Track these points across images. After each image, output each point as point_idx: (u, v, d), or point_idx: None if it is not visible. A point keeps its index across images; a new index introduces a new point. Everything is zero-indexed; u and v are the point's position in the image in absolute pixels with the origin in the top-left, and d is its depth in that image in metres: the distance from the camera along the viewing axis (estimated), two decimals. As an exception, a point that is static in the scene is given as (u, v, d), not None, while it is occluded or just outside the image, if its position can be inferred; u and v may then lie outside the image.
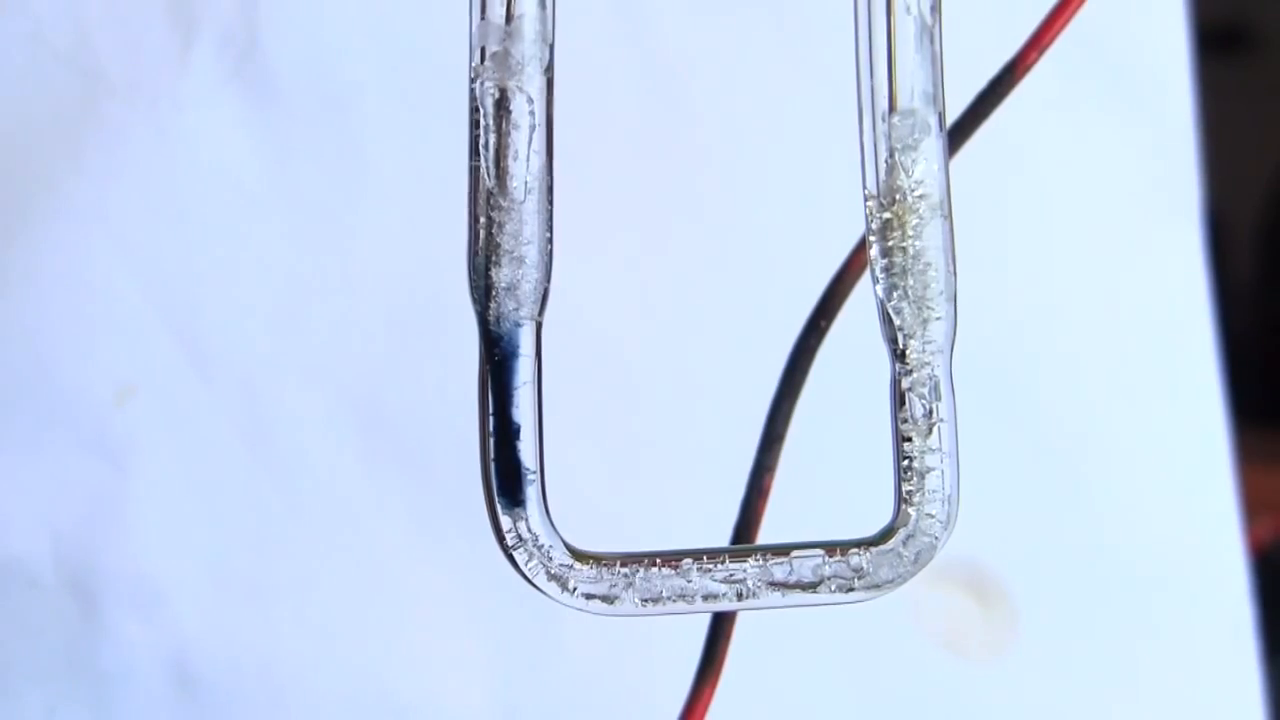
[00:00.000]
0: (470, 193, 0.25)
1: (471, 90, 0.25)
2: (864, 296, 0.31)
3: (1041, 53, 0.30)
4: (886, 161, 0.26)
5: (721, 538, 0.33)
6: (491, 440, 0.25)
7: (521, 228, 0.25)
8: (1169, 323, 0.57)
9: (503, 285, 0.25)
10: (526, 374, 0.25)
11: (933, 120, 0.26)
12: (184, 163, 0.51)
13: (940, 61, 0.26)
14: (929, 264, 0.26)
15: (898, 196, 0.26)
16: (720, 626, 0.32)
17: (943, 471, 0.27)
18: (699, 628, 0.33)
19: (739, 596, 0.26)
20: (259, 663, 0.51)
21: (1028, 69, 0.30)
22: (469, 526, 0.32)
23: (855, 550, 0.27)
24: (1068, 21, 0.30)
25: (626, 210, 0.53)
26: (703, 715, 0.32)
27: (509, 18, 0.25)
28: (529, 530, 0.25)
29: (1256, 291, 1.60)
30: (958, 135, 0.30)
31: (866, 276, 0.27)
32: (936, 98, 0.26)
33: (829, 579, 0.26)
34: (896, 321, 0.26)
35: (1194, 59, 0.57)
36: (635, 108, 0.53)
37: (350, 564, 0.52)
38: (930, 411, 0.27)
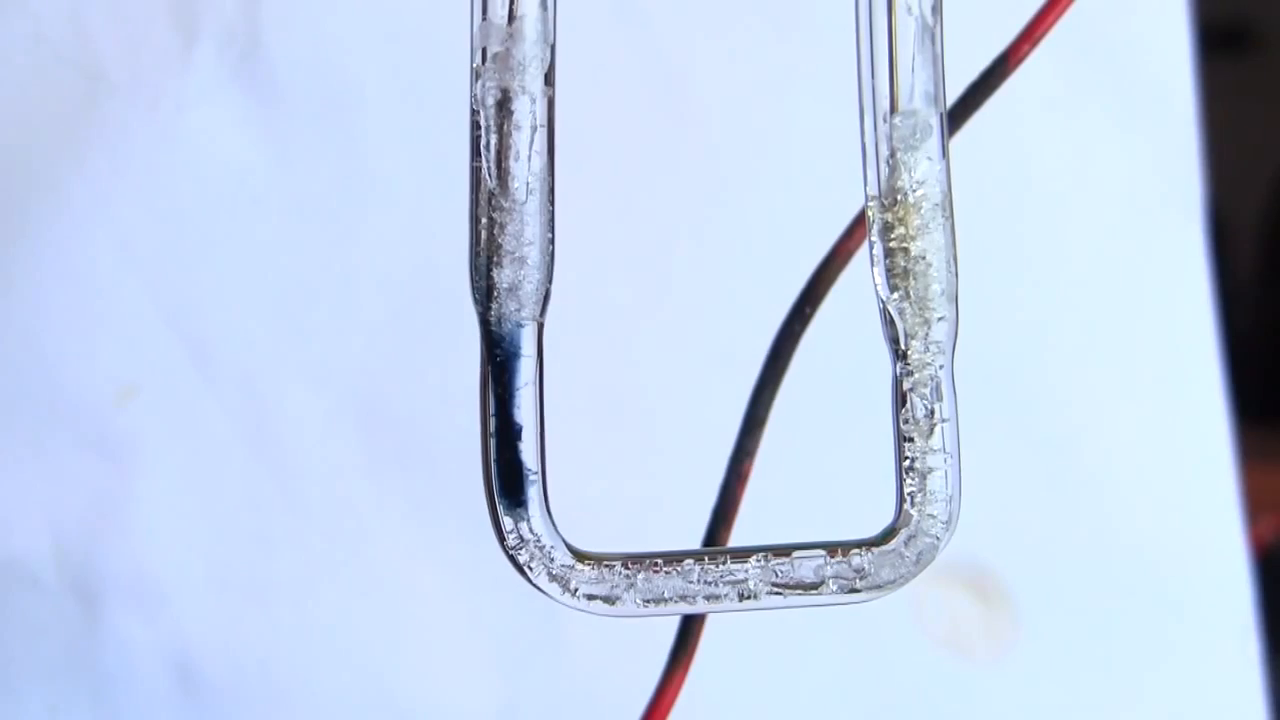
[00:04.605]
0: (471, 193, 0.25)
1: (473, 91, 0.25)
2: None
3: (1034, 45, 0.30)
4: (888, 162, 0.26)
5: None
6: (493, 441, 0.25)
7: (523, 229, 0.25)
8: (1171, 321, 0.57)
9: (504, 286, 0.25)
10: (528, 375, 0.25)
11: (934, 121, 0.26)
12: (186, 162, 0.51)
13: (941, 62, 0.26)
14: (930, 264, 0.26)
15: (899, 197, 0.26)
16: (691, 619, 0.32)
17: (945, 472, 0.27)
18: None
19: (741, 597, 0.26)
20: (260, 662, 0.51)
21: (1020, 61, 0.30)
22: (470, 527, 0.32)
23: (857, 550, 0.27)
24: (1061, 14, 0.30)
25: (628, 211, 0.53)
26: (672, 702, 0.32)
27: (510, 18, 0.25)
28: (530, 531, 0.25)
29: (1258, 290, 1.60)
30: (949, 126, 0.30)
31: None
32: (938, 98, 0.26)
33: (831, 579, 0.26)
34: (898, 322, 0.26)
35: (1196, 58, 0.57)
36: (637, 108, 0.53)
37: (351, 564, 0.52)
38: (932, 412, 0.27)
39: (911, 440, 0.27)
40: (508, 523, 0.25)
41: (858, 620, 0.39)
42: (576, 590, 0.26)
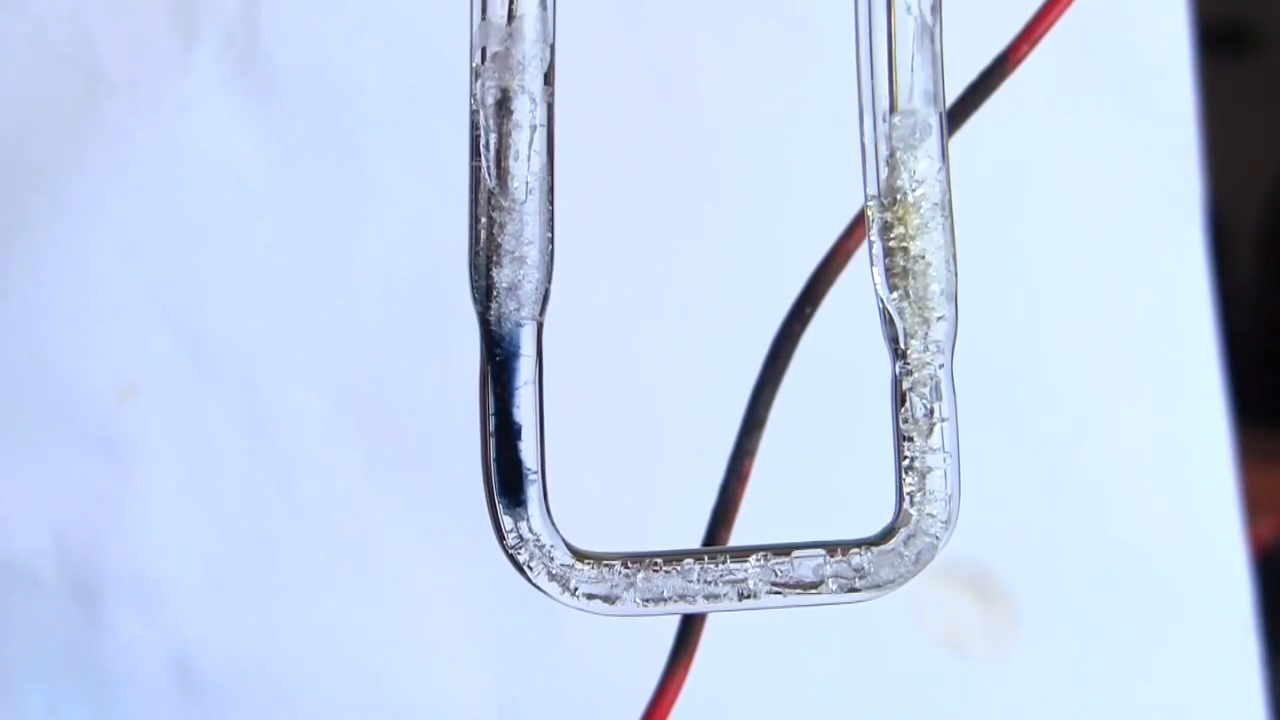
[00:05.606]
0: (471, 193, 0.25)
1: (472, 91, 0.25)
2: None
3: (1033, 45, 0.30)
4: (887, 161, 0.26)
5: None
6: (492, 440, 0.25)
7: (523, 228, 0.25)
8: (1171, 322, 0.57)
9: (504, 285, 0.25)
10: (528, 374, 0.25)
11: (934, 120, 0.26)
12: (185, 162, 0.51)
13: (941, 61, 0.26)
14: (930, 264, 0.26)
15: (899, 196, 0.26)
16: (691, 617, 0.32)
17: (944, 471, 0.27)
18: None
19: (740, 596, 0.26)
20: (260, 662, 0.51)
21: (1019, 61, 0.30)
22: (470, 526, 0.32)
23: (856, 550, 0.27)
24: (1060, 14, 0.30)
25: (628, 210, 0.53)
26: (672, 702, 0.32)
27: (510, 18, 0.25)
28: (530, 530, 0.25)
29: (1258, 291, 1.60)
30: (949, 125, 0.30)
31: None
32: (937, 98, 0.26)
33: (830, 579, 0.26)
34: (898, 321, 0.26)
35: (1196, 58, 0.57)
36: (636, 108, 0.53)
37: (351, 564, 0.52)
38: (931, 411, 0.27)
39: (911, 440, 0.27)
40: (507, 522, 0.25)
41: (858, 620, 0.39)
42: (576, 590, 0.26)
